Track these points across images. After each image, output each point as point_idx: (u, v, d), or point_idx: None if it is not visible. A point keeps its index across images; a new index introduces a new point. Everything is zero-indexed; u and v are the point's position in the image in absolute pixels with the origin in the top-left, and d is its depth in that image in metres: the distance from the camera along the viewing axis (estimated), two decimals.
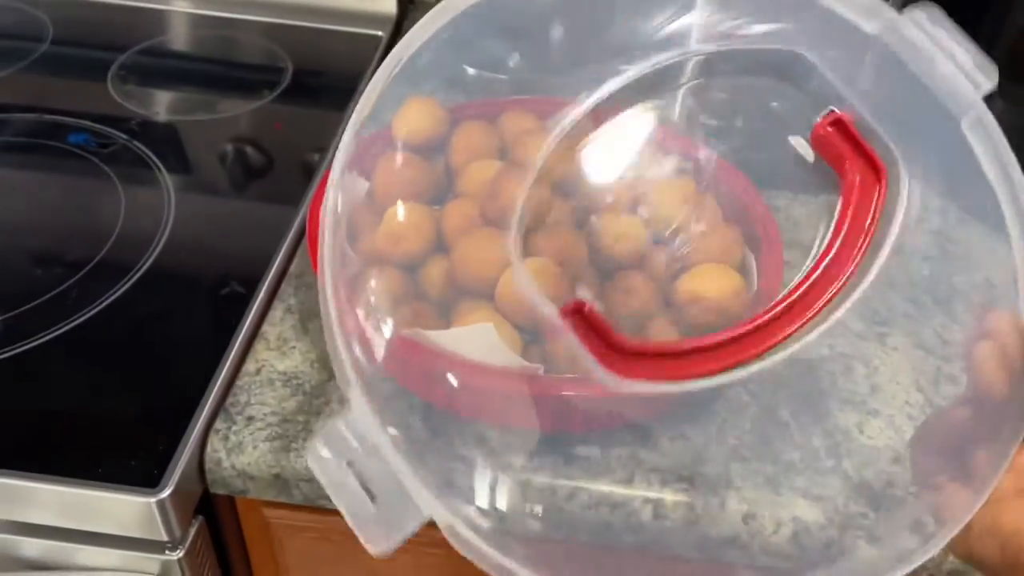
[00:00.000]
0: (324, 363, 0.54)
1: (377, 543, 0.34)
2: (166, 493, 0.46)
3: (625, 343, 0.36)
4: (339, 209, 0.58)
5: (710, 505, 0.48)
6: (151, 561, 0.49)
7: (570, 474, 0.49)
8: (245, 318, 0.56)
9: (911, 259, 0.65)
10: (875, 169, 0.42)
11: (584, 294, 0.38)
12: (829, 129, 0.42)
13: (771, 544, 0.48)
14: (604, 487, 0.49)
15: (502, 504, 0.49)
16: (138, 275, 0.58)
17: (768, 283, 0.54)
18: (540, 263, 0.50)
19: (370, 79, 0.78)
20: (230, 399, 0.52)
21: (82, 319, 0.55)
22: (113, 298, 0.57)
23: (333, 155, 0.70)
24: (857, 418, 0.52)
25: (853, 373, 0.55)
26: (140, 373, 0.53)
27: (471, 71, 0.84)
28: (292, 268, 0.61)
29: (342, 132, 0.72)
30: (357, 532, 0.33)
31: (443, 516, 0.34)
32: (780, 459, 0.51)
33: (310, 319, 0.57)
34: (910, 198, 0.42)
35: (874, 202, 0.42)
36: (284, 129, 0.75)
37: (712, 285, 0.50)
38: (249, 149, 0.72)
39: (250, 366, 0.54)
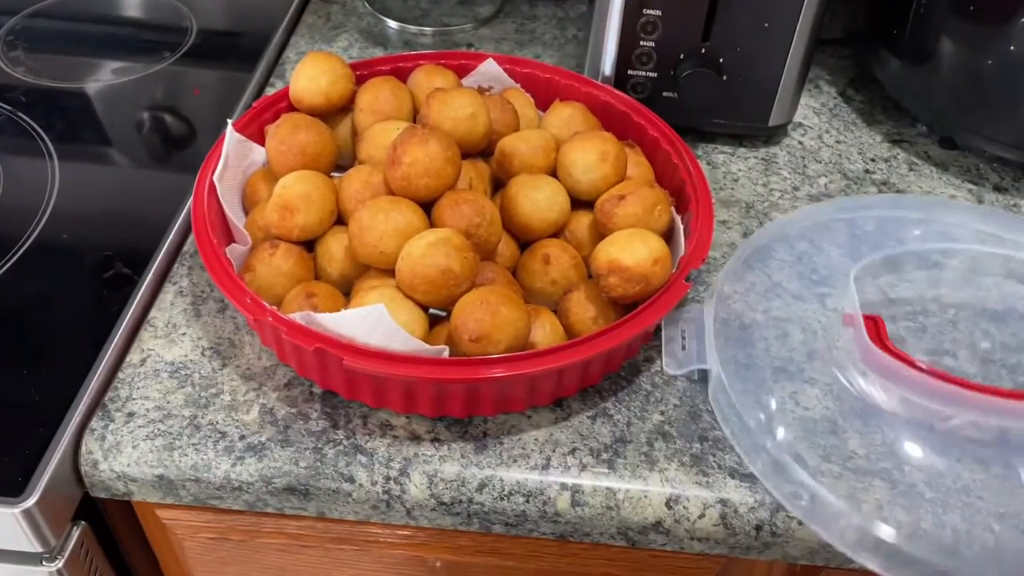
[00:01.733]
0: (216, 351, 0.50)
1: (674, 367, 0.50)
2: (31, 502, 0.42)
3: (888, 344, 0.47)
4: (230, 181, 0.53)
5: (631, 489, 0.45)
6: (30, 573, 0.45)
7: (481, 462, 0.45)
8: (131, 303, 0.51)
9: (856, 212, 0.62)
10: None
11: None
12: None
13: (698, 529, 0.45)
14: (518, 474, 0.45)
15: (407, 498, 0.45)
16: (14, 258, 0.53)
17: (698, 245, 0.50)
18: (444, 234, 0.45)
19: (279, 36, 0.73)
20: (110, 394, 0.47)
21: None
22: None
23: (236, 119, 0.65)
24: (792, 387, 0.49)
25: (789, 339, 0.52)
26: (10, 367, 0.48)
27: (393, 25, 0.79)
28: (186, 247, 0.56)
29: (247, 98, 0.67)
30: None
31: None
32: (708, 435, 0.48)
33: (203, 302, 0.52)
34: None
35: None
36: (201, 94, 0.69)
37: (631, 252, 0.46)
38: (163, 116, 0.67)
39: (134, 356, 0.49)
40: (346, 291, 0.50)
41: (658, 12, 0.60)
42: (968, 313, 0.55)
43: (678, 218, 0.53)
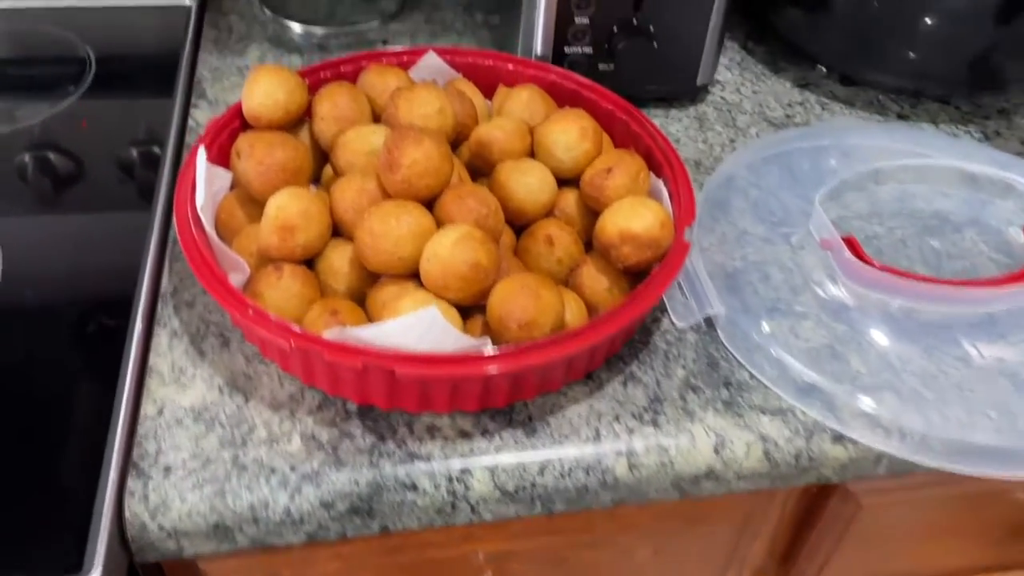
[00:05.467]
0: (234, 386, 0.48)
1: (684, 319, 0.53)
2: None
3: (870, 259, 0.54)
4: (205, 209, 0.51)
5: (680, 443, 0.47)
6: None
7: (535, 444, 0.46)
8: (127, 354, 0.48)
9: (793, 157, 0.66)
10: None
11: None
12: None
13: (745, 468, 0.48)
14: (573, 450, 0.46)
15: (472, 494, 0.45)
16: None
17: (686, 203, 0.52)
18: (464, 230, 0.45)
19: (187, 55, 0.69)
20: (137, 452, 0.44)
21: None
22: None
23: (174, 145, 0.61)
24: (789, 324, 0.53)
25: (771, 280, 0.56)
26: (20, 445, 0.44)
27: (298, 28, 0.76)
28: (164, 286, 0.53)
29: (177, 121, 0.64)
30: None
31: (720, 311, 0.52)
32: (731, 380, 0.50)
33: (203, 340, 0.50)
34: None
35: None
36: (91, 126, 0.65)
37: (639, 220, 0.48)
38: (54, 156, 0.62)
39: (149, 408, 0.46)
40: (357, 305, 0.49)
41: None
42: (910, 229, 0.61)
43: (659, 181, 0.55)
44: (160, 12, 0.74)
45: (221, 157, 0.54)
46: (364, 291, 0.49)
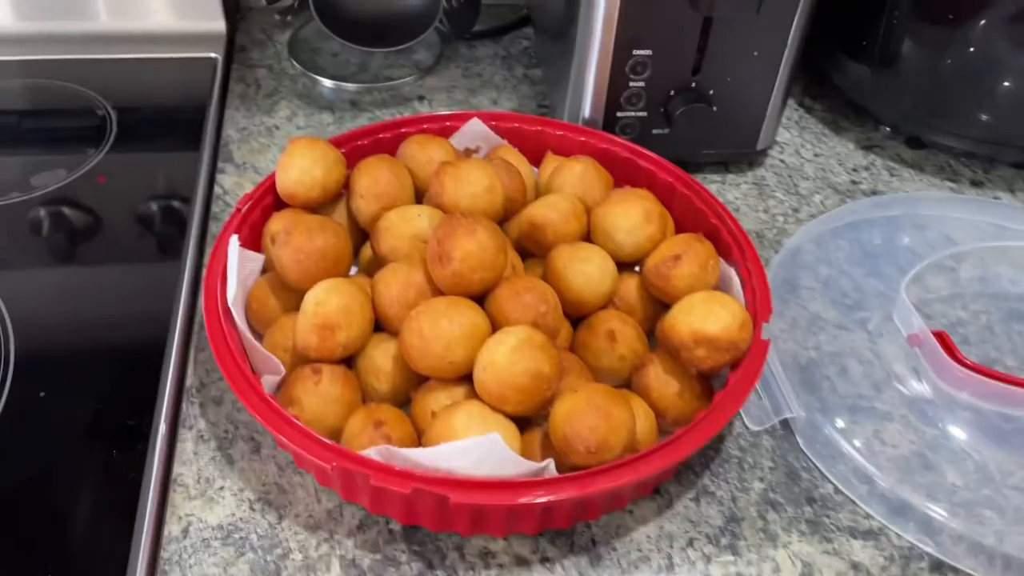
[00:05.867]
0: (266, 501, 0.43)
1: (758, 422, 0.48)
2: None
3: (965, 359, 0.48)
4: (235, 299, 0.47)
5: (763, 573, 0.42)
6: None
7: (602, 574, 0.41)
8: (149, 463, 0.43)
9: (862, 230, 0.61)
10: None
11: None
12: None
13: None
14: None
15: None
16: None
17: (762, 297, 0.47)
18: (523, 334, 0.41)
19: (213, 110, 0.65)
20: None
21: None
22: None
23: (200, 214, 0.57)
24: (873, 426, 0.48)
25: (850, 373, 0.51)
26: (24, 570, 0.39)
27: (328, 84, 0.72)
28: (188, 382, 0.48)
29: (203, 186, 0.60)
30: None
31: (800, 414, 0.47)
32: (814, 495, 0.45)
33: (231, 445, 0.45)
34: None
35: None
36: (114, 187, 0.60)
37: (715, 320, 0.43)
38: (72, 214, 0.58)
39: (173, 528, 0.42)
40: (399, 405, 0.45)
41: (648, 52, 0.58)
42: (996, 314, 0.56)
43: (730, 269, 0.50)
44: (185, 64, 0.70)
45: (252, 236, 0.50)
46: (408, 392, 0.45)
